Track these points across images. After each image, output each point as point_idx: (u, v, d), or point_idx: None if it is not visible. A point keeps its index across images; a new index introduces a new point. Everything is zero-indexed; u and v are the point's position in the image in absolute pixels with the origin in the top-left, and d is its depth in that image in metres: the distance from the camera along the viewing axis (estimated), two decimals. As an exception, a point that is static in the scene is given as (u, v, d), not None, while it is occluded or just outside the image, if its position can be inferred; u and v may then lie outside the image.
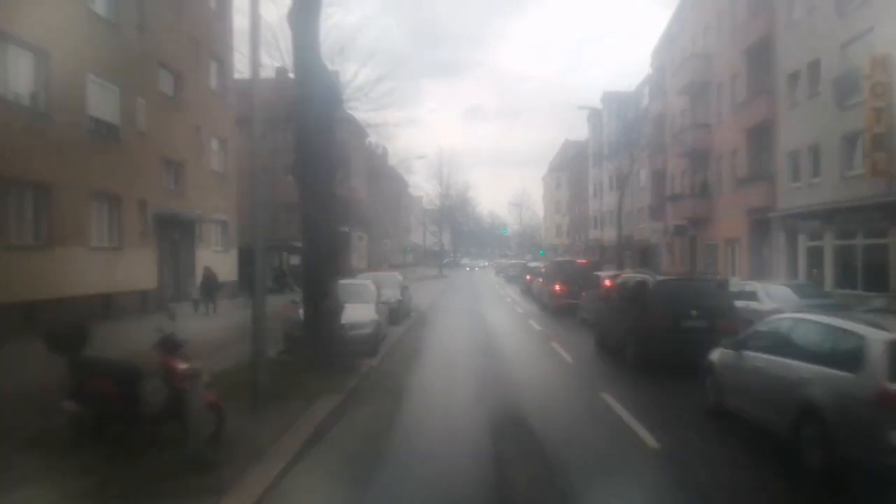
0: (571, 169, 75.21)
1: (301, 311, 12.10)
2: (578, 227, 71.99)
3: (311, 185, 10.56)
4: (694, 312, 11.60)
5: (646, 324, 11.79)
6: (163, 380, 6.77)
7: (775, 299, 14.41)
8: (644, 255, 44.31)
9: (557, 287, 23.02)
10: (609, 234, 48.96)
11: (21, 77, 15.48)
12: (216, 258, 25.13)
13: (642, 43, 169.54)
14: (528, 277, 34.51)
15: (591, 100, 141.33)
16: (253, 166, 9.21)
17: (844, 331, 6.45)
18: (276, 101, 39.48)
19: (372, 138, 54.49)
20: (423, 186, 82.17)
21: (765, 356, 7.46)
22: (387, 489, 6.18)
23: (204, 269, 22.35)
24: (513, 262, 63.83)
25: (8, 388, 8.67)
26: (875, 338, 5.95)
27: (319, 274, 10.80)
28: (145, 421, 6.92)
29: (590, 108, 47.06)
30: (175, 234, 22.73)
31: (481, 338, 17.56)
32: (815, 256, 24.01)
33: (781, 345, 7.30)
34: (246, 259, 29.16)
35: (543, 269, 30.17)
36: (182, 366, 6.58)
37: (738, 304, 14.11)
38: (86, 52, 17.37)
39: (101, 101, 18.20)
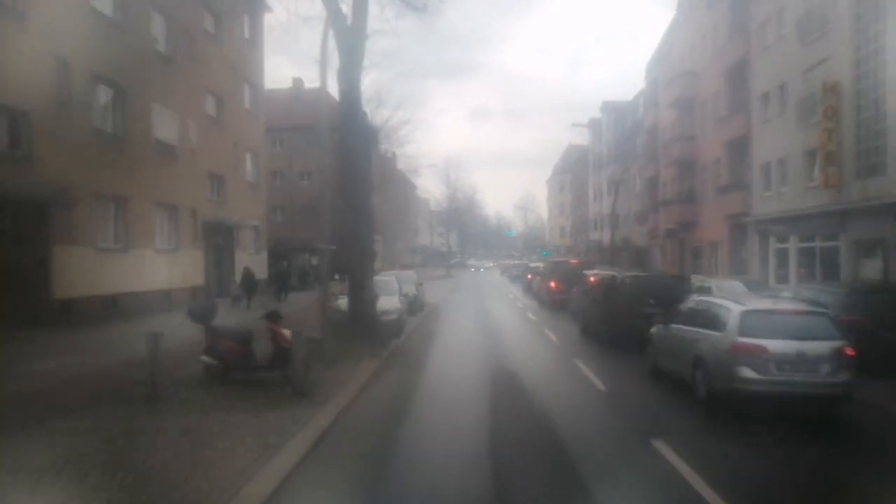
0: (574, 173, 78.46)
1: (339, 302, 15.55)
2: (580, 229, 75.22)
3: (354, 204, 13.99)
4: (651, 301, 14.93)
5: (613, 310, 15.16)
6: (270, 340, 10.17)
7: (725, 292, 17.69)
8: (639, 256, 47.56)
9: (553, 284, 26.44)
10: (608, 236, 52.19)
11: (105, 109, 18.96)
12: (251, 259, 28.59)
13: (645, 43, 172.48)
14: (529, 276, 37.90)
15: (595, 99, 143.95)
16: (324, 183, 12.44)
17: (721, 305, 9.82)
18: (295, 109, 42.60)
19: (382, 144, 57.96)
20: (430, 190, 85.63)
21: (679, 327, 10.82)
22: (419, 408, 9.58)
23: (244, 268, 25.75)
24: (516, 262, 67.08)
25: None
26: (734, 309, 9.32)
27: (360, 271, 14.22)
28: (256, 369, 10.33)
29: (583, 125, 50.33)
30: (218, 238, 26.20)
31: (484, 326, 20.97)
32: (783, 257, 27.29)
33: (690, 318, 10.67)
34: (273, 260, 32.66)
35: (542, 269, 33.62)
36: (285, 331, 9.98)
37: (696, 296, 17.43)
38: (152, 85, 20.84)
39: (163, 125, 21.67)
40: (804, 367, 8.61)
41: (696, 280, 21.74)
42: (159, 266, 21.20)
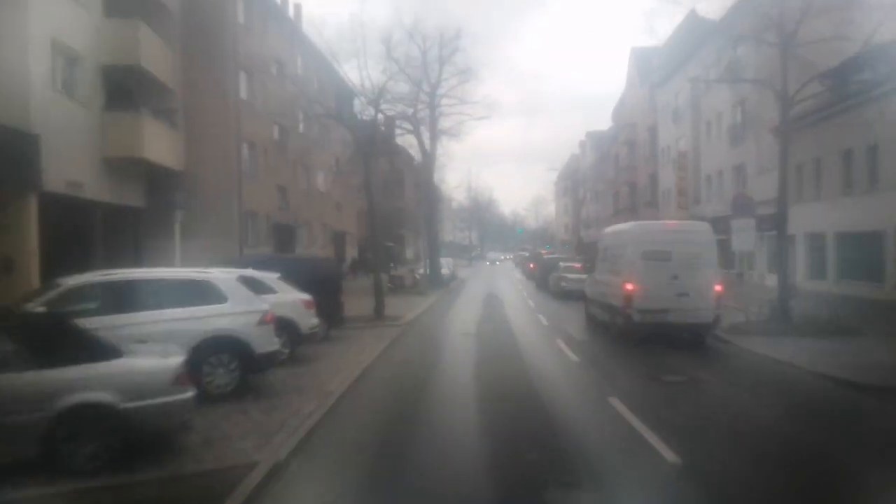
0: (573, 180, 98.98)
1: (421, 271, 36.83)
2: (577, 227, 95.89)
3: (432, 230, 35.11)
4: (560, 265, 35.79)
5: (542, 273, 36.13)
6: (412, 279, 31.37)
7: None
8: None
9: (532, 265, 47.53)
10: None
11: (305, 178, 40.28)
12: (351, 252, 50.01)
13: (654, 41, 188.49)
14: (523, 262, 59.12)
15: (607, 95, 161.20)
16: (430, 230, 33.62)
17: (560, 265, 30.75)
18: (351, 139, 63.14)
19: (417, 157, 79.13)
20: (452, 193, 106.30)
21: (553, 273, 31.78)
22: (462, 300, 30.83)
23: (350, 258, 46.98)
24: (520, 253, 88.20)
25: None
26: (561, 264, 30.27)
27: (434, 257, 35.43)
28: (406, 288, 31.55)
29: (556, 169, 70.98)
30: (337, 241, 47.58)
31: (490, 284, 42.18)
32: (670, 248, 48.00)
33: (558, 270, 31.61)
34: (360, 253, 54.08)
35: (529, 257, 54.80)
36: (418, 275, 31.16)
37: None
38: (315, 162, 42.12)
39: (320, 181, 42.92)
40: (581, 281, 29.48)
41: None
42: (320, 256, 42.53)
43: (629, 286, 15.46)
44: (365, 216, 66.02)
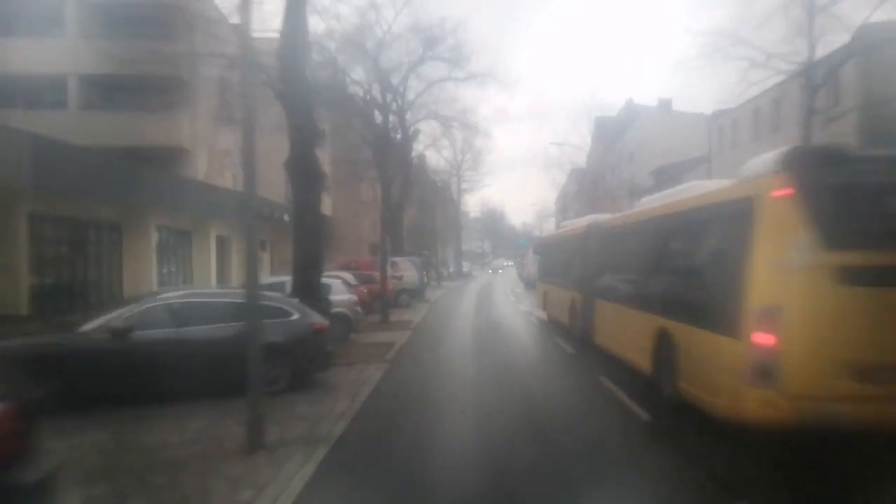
0: (565, 199, 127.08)
1: (451, 269, 65.54)
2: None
3: (457, 245, 63.64)
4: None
5: (522, 270, 64.60)
6: (447, 272, 59.89)
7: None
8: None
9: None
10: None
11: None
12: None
13: (662, 45, 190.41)
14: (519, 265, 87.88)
15: (615, 101, 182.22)
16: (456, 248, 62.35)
17: (527, 259, 59.23)
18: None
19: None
20: (469, 210, 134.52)
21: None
22: (476, 285, 59.32)
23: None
24: (517, 259, 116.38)
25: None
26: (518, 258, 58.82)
27: (457, 261, 64.03)
28: (444, 278, 60.01)
29: (542, 205, 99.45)
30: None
31: (493, 276, 70.99)
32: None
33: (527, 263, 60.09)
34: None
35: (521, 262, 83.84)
36: (451, 269, 59.71)
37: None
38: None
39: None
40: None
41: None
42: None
43: (529, 269, 44.62)
44: (409, 236, 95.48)
